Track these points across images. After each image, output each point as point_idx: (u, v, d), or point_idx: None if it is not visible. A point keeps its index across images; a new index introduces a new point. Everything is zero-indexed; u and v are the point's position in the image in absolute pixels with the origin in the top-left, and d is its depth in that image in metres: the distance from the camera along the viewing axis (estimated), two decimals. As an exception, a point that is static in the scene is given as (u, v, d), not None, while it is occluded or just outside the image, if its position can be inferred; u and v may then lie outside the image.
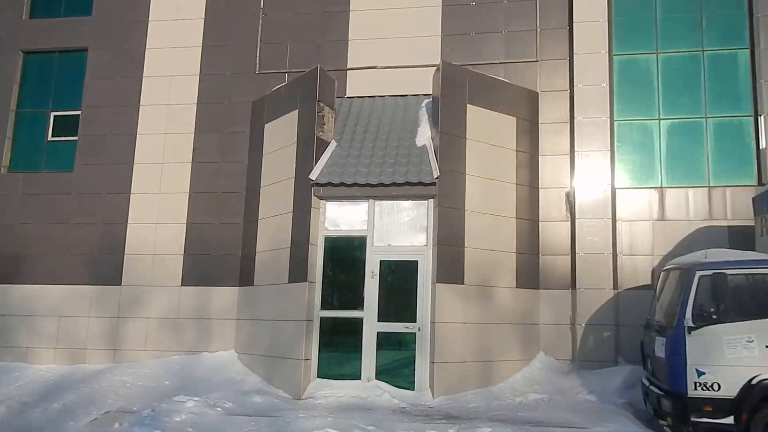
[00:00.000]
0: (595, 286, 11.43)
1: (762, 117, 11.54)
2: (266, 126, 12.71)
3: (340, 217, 11.27)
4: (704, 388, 7.49)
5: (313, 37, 13.46)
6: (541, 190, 12.12)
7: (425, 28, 13.11)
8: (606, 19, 12.30)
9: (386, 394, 10.00)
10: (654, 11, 12.42)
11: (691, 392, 7.53)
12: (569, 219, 11.91)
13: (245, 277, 12.44)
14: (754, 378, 7.33)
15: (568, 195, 12.00)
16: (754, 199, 9.86)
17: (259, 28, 13.73)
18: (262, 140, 12.72)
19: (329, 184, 10.98)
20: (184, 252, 12.94)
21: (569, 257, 11.77)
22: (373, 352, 10.55)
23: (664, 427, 8.11)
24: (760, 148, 11.53)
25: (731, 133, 11.84)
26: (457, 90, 11.31)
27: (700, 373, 7.52)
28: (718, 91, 11.98)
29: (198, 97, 13.59)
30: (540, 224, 12.00)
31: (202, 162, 13.28)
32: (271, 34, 13.68)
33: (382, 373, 10.48)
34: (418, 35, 13.08)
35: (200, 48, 13.82)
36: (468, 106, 11.36)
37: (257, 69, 13.55)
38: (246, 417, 8.54)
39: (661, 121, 12.07)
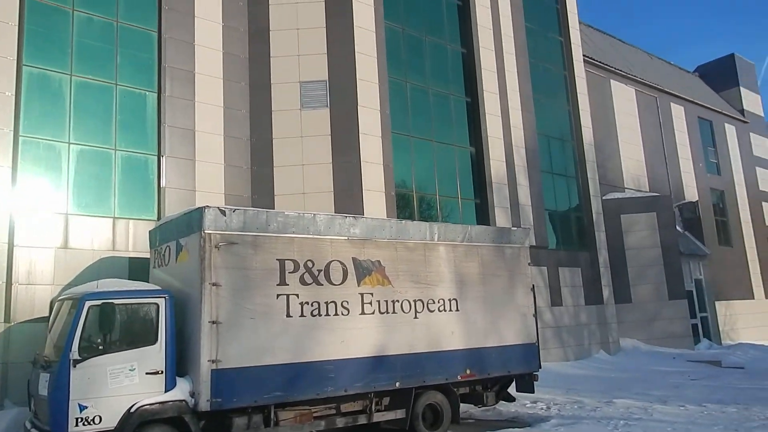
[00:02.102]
0: (-17, 320, 10.03)
1: (164, 158, 12.60)
2: None
3: None
4: (86, 422, 7.32)
5: None
6: None
7: None
8: (23, 23, 11.22)
9: None
10: (71, 31, 12.03)
11: (72, 429, 7.24)
12: (-46, 242, 10.15)
13: None
14: (133, 405, 7.56)
15: (-45, 213, 10.22)
16: (150, 232, 10.41)
17: None
18: None
19: None
20: None
21: (-49, 287, 10.00)
22: None
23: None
24: (161, 185, 12.53)
25: (138, 168, 12.46)
26: None
27: (82, 408, 7.33)
28: (128, 126, 12.45)
29: None
30: None
31: None
32: None
33: None
34: None
35: None
36: None
37: None
38: None
39: (71, 145, 11.69)
